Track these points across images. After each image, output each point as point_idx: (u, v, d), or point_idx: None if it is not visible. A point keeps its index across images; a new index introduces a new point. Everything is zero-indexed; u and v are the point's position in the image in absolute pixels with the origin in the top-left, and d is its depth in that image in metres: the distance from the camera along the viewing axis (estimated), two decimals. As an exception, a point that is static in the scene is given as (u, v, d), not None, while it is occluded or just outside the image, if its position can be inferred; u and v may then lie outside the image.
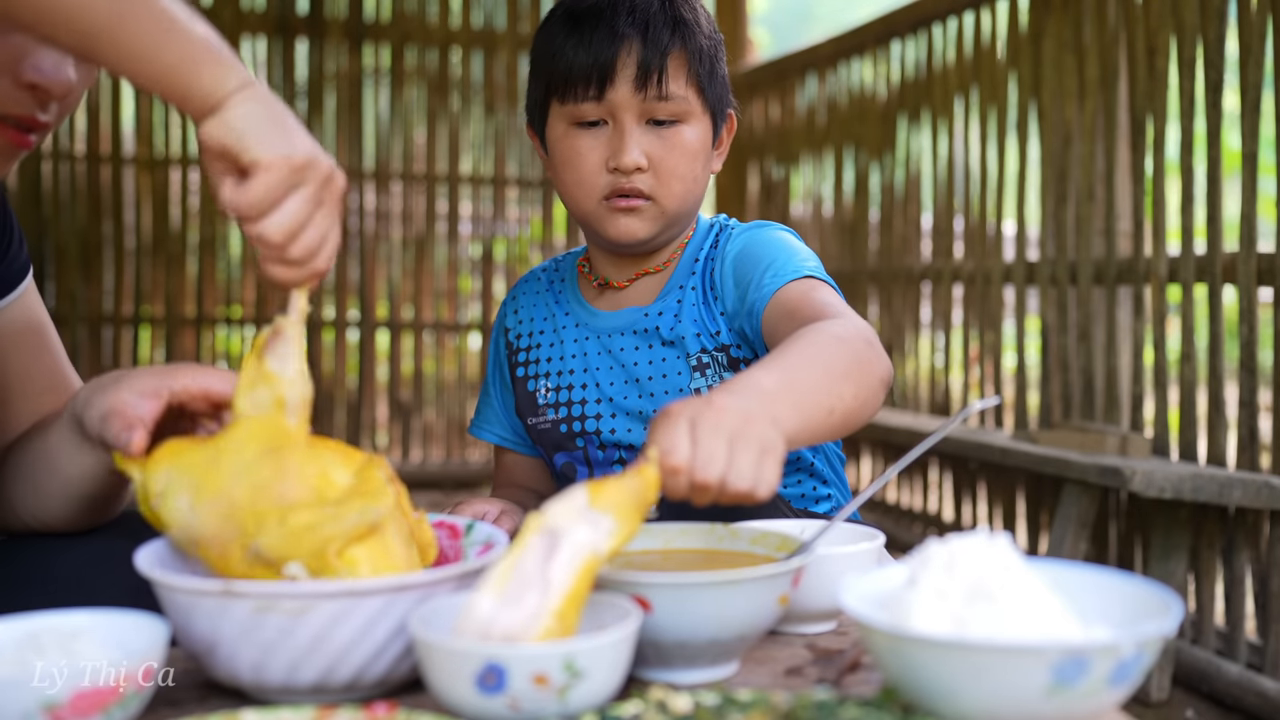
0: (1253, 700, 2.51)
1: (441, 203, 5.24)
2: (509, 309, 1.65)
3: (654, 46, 1.38)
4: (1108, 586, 0.85)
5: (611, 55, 1.38)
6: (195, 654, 0.88)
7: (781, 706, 0.79)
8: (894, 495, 4.18)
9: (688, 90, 1.41)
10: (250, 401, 0.94)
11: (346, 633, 0.85)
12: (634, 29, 1.38)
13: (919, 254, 4.12)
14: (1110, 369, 3.12)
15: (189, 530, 0.91)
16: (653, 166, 1.41)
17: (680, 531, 1.08)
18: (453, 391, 5.31)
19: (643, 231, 1.44)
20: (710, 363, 1.47)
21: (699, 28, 1.43)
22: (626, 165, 1.39)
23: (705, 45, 1.43)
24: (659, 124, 1.41)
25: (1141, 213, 3.00)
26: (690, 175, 1.44)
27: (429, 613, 0.86)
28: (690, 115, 1.42)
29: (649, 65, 1.38)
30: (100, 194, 4.91)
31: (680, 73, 1.40)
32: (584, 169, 1.42)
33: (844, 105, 4.55)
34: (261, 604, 0.83)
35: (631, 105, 1.39)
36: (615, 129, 1.41)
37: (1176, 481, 2.52)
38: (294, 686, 0.86)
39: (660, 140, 1.41)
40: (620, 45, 1.38)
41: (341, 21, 5.08)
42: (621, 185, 1.41)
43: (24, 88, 1.00)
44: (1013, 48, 3.54)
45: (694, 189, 1.45)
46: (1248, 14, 2.63)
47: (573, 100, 1.41)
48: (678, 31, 1.40)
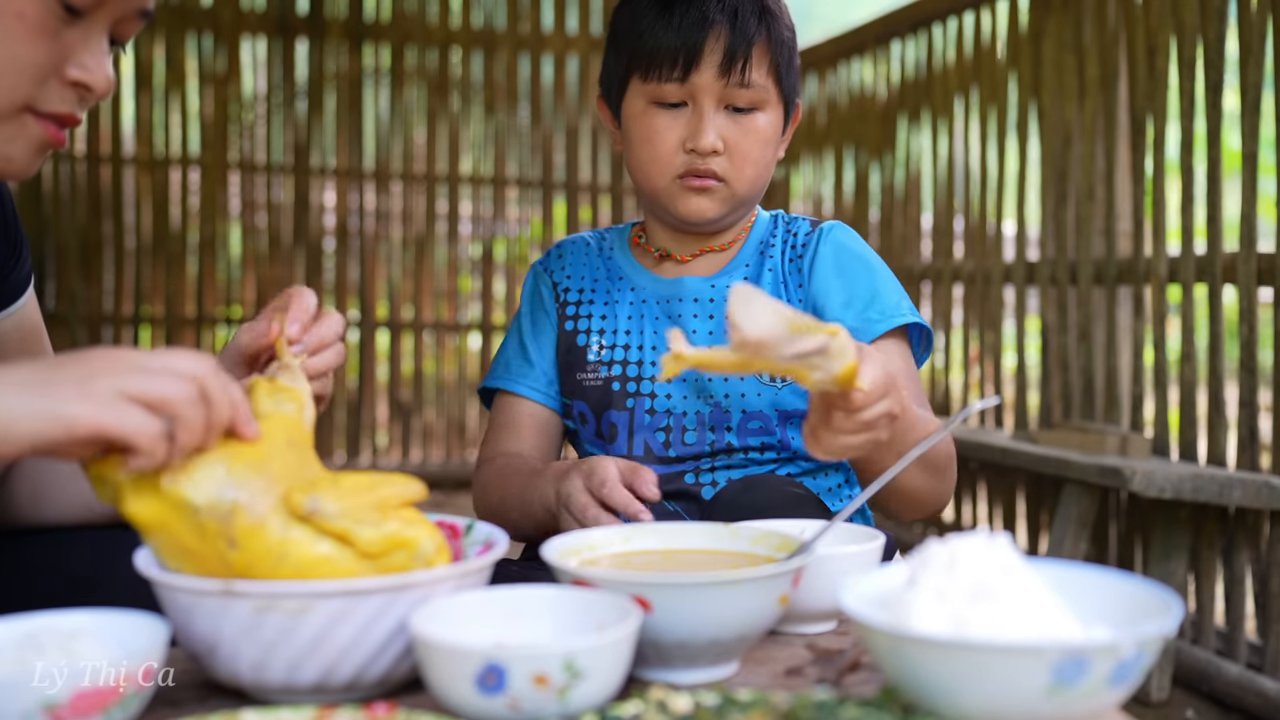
0: (1253, 700, 2.51)
1: (441, 203, 5.25)
2: (555, 264, 1.63)
3: (741, 34, 1.41)
4: (1108, 586, 0.85)
5: (700, 40, 1.41)
6: (196, 654, 0.88)
7: (781, 706, 0.79)
8: (894, 495, 4.18)
9: (768, 79, 1.44)
10: (273, 403, 0.95)
11: (347, 632, 0.85)
12: (723, 15, 1.41)
13: (919, 254, 4.12)
14: (1110, 369, 3.12)
15: (220, 500, 0.87)
16: (728, 150, 1.44)
17: (680, 531, 1.08)
18: (453, 391, 5.31)
19: (712, 211, 1.47)
20: None
21: (782, 18, 1.47)
22: (704, 148, 1.42)
23: (786, 36, 1.47)
24: (737, 110, 1.44)
25: (1141, 213, 3.00)
26: (763, 161, 1.47)
27: (430, 613, 0.86)
28: (767, 103, 1.45)
29: (735, 52, 1.41)
30: (100, 194, 4.92)
31: (763, 62, 1.43)
32: (661, 147, 1.45)
33: (844, 105, 4.55)
34: (262, 604, 0.83)
35: (713, 90, 1.43)
36: (694, 111, 1.44)
37: (1176, 481, 2.52)
38: (295, 686, 0.86)
39: (737, 125, 1.44)
40: (709, 30, 1.41)
41: (341, 21, 5.08)
42: (696, 166, 1.44)
43: (68, 85, 1.04)
44: (1013, 48, 3.54)
45: (764, 174, 1.49)
46: (1248, 14, 2.63)
47: (655, 80, 1.44)
48: (764, 21, 1.43)
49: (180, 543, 0.88)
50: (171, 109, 4.98)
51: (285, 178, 5.10)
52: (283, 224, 5.12)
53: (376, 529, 0.91)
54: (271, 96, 5.08)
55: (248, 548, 0.88)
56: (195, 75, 5.05)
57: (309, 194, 5.11)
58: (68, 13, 1.00)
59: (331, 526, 0.90)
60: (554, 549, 0.99)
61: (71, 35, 1.02)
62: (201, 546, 0.88)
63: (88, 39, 1.02)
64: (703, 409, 1.50)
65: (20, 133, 1.04)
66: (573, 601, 0.90)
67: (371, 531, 0.90)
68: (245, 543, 0.88)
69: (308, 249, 5.13)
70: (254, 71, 5.16)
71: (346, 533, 0.90)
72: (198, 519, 0.87)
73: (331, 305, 5.16)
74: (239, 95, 5.06)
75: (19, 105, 1.02)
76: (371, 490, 0.92)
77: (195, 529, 0.88)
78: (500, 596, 0.91)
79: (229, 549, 0.88)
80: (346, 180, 5.16)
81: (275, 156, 5.09)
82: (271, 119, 5.09)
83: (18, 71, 1.00)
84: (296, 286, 1.07)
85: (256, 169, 5.10)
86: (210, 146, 5.00)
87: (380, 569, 0.91)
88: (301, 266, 5.13)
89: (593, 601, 0.89)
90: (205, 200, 5.02)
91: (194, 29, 4.98)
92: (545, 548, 0.98)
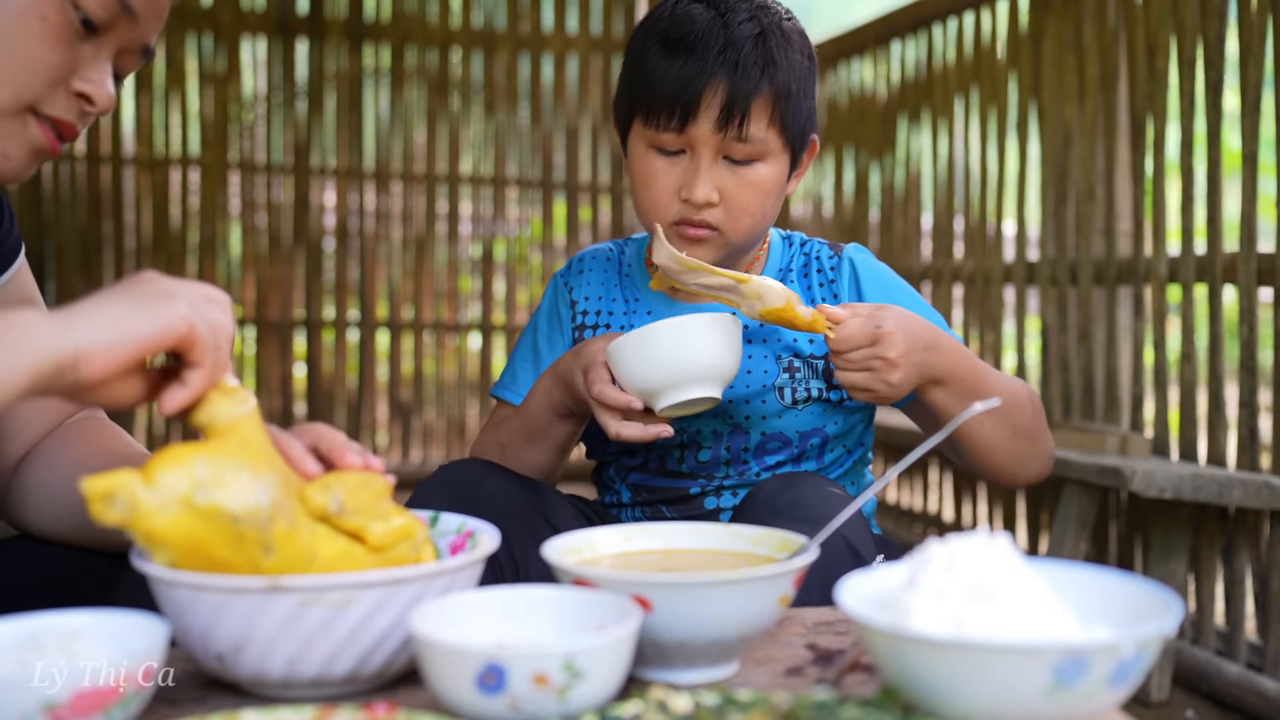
0: (1253, 700, 2.51)
1: (441, 203, 5.24)
2: (575, 279, 1.62)
3: (740, 88, 1.38)
4: (1108, 586, 0.85)
5: (697, 92, 1.38)
6: (218, 655, 0.87)
7: (781, 706, 0.79)
8: (894, 495, 4.18)
9: (768, 132, 1.41)
10: (234, 404, 0.94)
11: (383, 622, 0.86)
12: (723, 68, 1.38)
13: (919, 254, 4.12)
14: (1110, 369, 3.12)
15: (257, 507, 0.88)
16: (724, 201, 1.42)
17: (681, 531, 1.08)
18: (453, 391, 5.31)
19: (707, 258, 1.46)
20: (801, 367, 1.49)
21: (790, 67, 1.42)
22: (697, 200, 1.40)
23: (794, 86, 1.42)
24: (735, 161, 1.42)
25: (1141, 213, 3.00)
26: (760, 211, 1.45)
27: (430, 612, 0.86)
28: (768, 155, 1.43)
29: (732, 108, 1.38)
30: (100, 194, 4.91)
31: (763, 115, 1.40)
32: (657, 192, 1.44)
33: (844, 105, 4.55)
34: (307, 597, 0.84)
35: (710, 142, 1.40)
36: (692, 160, 1.42)
37: (1176, 481, 2.52)
38: (327, 679, 0.87)
39: (734, 177, 1.42)
40: (707, 82, 1.38)
41: (341, 21, 5.08)
42: (690, 216, 1.42)
43: (72, 96, 1.11)
44: (1013, 48, 3.54)
45: (762, 223, 1.47)
46: (1248, 14, 2.63)
47: (654, 127, 1.42)
48: (767, 72, 1.39)
49: (210, 555, 0.87)
50: (171, 109, 4.98)
51: (285, 178, 5.10)
52: (283, 224, 5.12)
53: (386, 523, 0.94)
54: (271, 96, 5.08)
55: (283, 552, 0.89)
56: (195, 75, 5.04)
57: (309, 194, 5.11)
58: (85, 27, 1.08)
59: (347, 524, 0.93)
60: (554, 549, 0.99)
61: (84, 50, 1.10)
62: (235, 556, 0.87)
63: (96, 57, 1.11)
64: (721, 428, 1.50)
65: (20, 132, 1.09)
66: (573, 601, 0.91)
67: (382, 526, 0.94)
68: (281, 548, 0.89)
69: (308, 249, 5.13)
70: (254, 71, 5.16)
71: (361, 529, 0.93)
72: (236, 528, 0.87)
73: (331, 305, 5.17)
74: (239, 95, 5.06)
75: (26, 103, 1.08)
76: (365, 485, 0.96)
77: (231, 539, 0.87)
78: (500, 596, 0.91)
79: (264, 556, 0.88)
80: (346, 180, 5.16)
81: (275, 156, 5.09)
82: (271, 119, 5.09)
83: (32, 70, 1.07)
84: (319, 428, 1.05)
85: (256, 169, 5.10)
86: (210, 146, 5.00)
87: (386, 561, 0.94)
88: (301, 266, 5.14)
89: (593, 601, 0.89)
90: (205, 200, 5.02)
91: (194, 29, 4.98)
92: (545, 547, 0.98)
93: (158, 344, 0.88)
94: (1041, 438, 1.48)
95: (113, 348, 0.85)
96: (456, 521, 1.05)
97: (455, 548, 1.03)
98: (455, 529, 1.05)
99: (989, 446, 1.42)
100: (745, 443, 1.50)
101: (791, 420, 1.49)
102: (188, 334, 0.89)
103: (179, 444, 0.91)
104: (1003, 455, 1.43)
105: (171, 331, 0.88)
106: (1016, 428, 1.43)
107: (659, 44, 1.42)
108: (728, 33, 1.39)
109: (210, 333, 0.91)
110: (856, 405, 1.52)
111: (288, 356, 5.15)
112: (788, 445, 1.50)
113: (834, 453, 1.53)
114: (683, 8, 1.43)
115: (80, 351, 0.84)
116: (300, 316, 5.14)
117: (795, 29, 1.46)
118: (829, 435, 1.51)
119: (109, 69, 1.12)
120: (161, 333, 0.88)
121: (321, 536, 0.92)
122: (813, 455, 1.51)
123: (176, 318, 0.88)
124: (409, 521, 0.96)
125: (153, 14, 1.13)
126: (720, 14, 1.41)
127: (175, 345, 0.89)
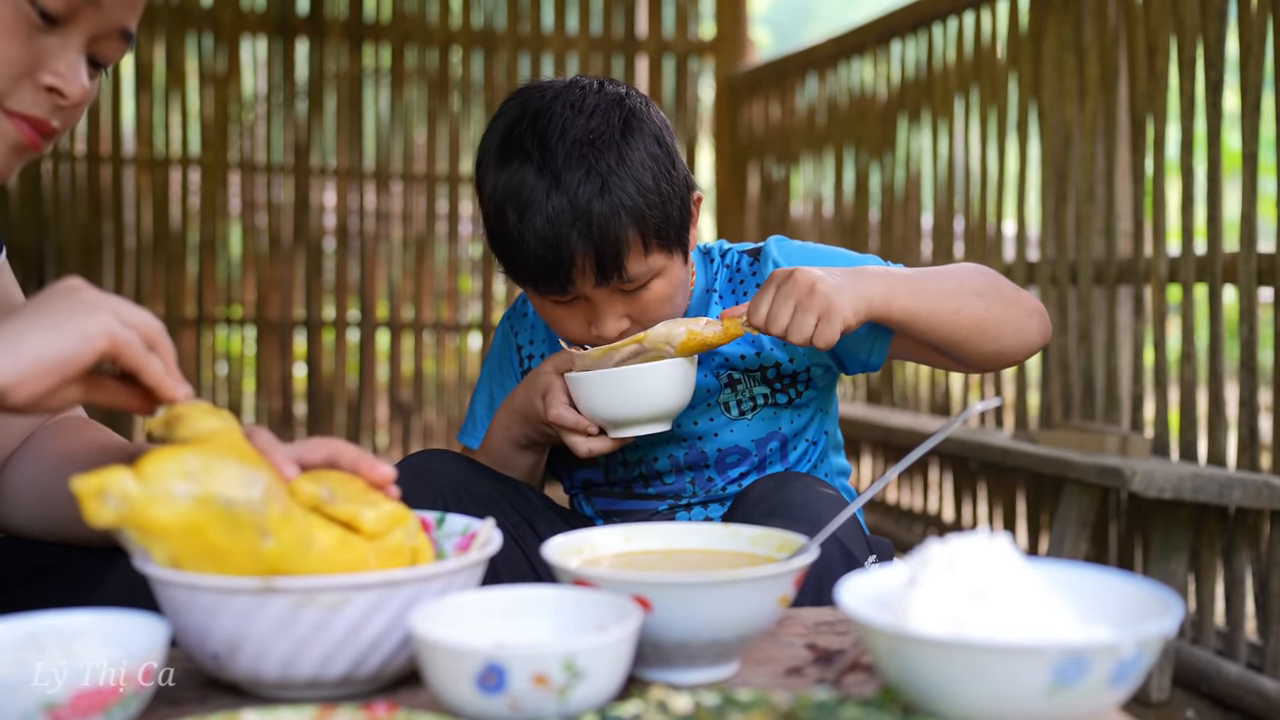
0: (1253, 700, 2.51)
1: (441, 203, 5.25)
2: (520, 323, 1.64)
3: (606, 253, 1.33)
4: (1108, 586, 0.85)
5: (568, 267, 1.34)
6: (215, 655, 0.87)
7: (781, 706, 0.79)
8: (894, 495, 4.18)
9: (648, 261, 1.37)
10: (218, 420, 0.94)
11: (380, 623, 0.86)
12: (582, 241, 1.32)
13: (919, 254, 4.12)
14: (1110, 369, 3.12)
15: (250, 493, 0.88)
16: (634, 320, 1.41)
17: (681, 531, 1.08)
18: (453, 391, 5.31)
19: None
20: (742, 378, 1.49)
21: (643, 190, 1.35)
22: (608, 335, 1.40)
23: (653, 201, 1.35)
24: (630, 291, 1.39)
25: (1141, 213, 3.00)
26: (673, 306, 1.44)
27: (430, 612, 0.86)
28: (659, 272, 1.40)
29: (605, 268, 1.35)
30: (100, 194, 4.91)
31: (637, 254, 1.36)
32: (567, 331, 1.44)
33: (844, 105, 4.55)
34: (300, 599, 0.84)
35: (598, 293, 1.38)
36: (588, 305, 1.40)
37: (1176, 481, 2.52)
38: (323, 680, 0.87)
39: (635, 302, 1.40)
40: (573, 258, 1.33)
41: (341, 21, 5.08)
42: (609, 340, 1.41)
43: (42, 91, 1.07)
44: (1013, 48, 3.54)
45: (678, 303, 1.46)
46: (1248, 14, 2.63)
47: (537, 293, 1.40)
48: (625, 220, 1.33)
49: (210, 544, 0.86)
50: (171, 109, 4.98)
51: (285, 178, 5.10)
52: (283, 224, 5.12)
53: (376, 510, 0.94)
54: (271, 96, 5.08)
55: (281, 537, 0.88)
56: (195, 75, 5.05)
57: (309, 194, 5.11)
58: (43, 19, 1.03)
59: (339, 512, 0.93)
60: (554, 549, 0.99)
61: (49, 43, 1.05)
62: (234, 543, 0.87)
63: (64, 49, 1.06)
64: (675, 451, 1.51)
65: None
66: (573, 601, 0.91)
67: (374, 512, 0.94)
68: (278, 532, 0.88)
69: (308, 249, 5.13)
70: (254, 71, 5.16)
71: (353, 516, 0.93)
72: (231, 512, 0.87)
73: (331, 305, 5.17)
74: (239, 95, 5.06)
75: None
76: (352, 478, 0.97)
77: (229, 525, 0.87)
78: (500, 596, 0.91)
79: (262, 541, 0.87)
80: (346, 180, 5.16)
81: (275, 156, 5.09)
82: (271, 119, 5.09)
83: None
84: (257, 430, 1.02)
85: (256, 169, 5.10)
86: (210, 146, 5.00)
87: (381, 548, 0.94)
88: (301, 266, 5.14)
89: (593, 601, 0.89)
90: (205, 200, 5.02)
91: (194, 29, 4.98)
92: (545, 547, 0.98)
93: (81, 362, 0.88)
94: (1019, 297, 1.42)
95: (37, 377, 0.86)
96: (462, 523, 1.05)
97: (462, 548, 1.02)
98: (461, 530, 1.04)
99: (974, 327, 1.37)
100: (704, 459, 1.52)
101: (744, 430, 1.50)
102: (110, 346, 0.89)
103: (167, 445, 0.91)
104: (994, 330, 1.38)
105: (93, 346, 0.88)
106: (986, 297, 1.38)
107: (511, 214, 1.35)
108: (570, 201, 1.32)
109: (138, 333, 0.91)
110: (808, 399, 1.52)
111: (288, 356, 5.15)
112: (746, 456, 1.51)
113: (797, 450, 1.54)
114: (514, 172, 1.35)
115: (4, 385, 0.85)
116: (300, 316, 5.14)
117: (635, 120, 1.38)
118: (786, 436, 1.52)
119: (81, 60, 1.08)
120: (83, 351, 0.88)
121: (316, 524, 0.92)
122: (775, 459, 1.52)
123: (97, 332, 0.88)
124: (399, 507, 0.97)
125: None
126: (555, 178, 1.33)
127: (102, 358, 0.90)
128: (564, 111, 1.36)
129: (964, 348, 1.39)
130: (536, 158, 1.34)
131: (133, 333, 0.91)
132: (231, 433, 0.93)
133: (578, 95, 1.38)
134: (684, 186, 1.41)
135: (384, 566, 0.93)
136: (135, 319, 0.92)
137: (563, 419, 1.38)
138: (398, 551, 0.95)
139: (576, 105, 1.37)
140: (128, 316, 0.91)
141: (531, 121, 1.36)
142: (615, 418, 1.36)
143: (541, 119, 1.36)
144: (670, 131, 1.43)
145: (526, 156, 1.35)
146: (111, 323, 0.89)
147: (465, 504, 1.38)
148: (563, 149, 1.33)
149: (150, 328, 0.93)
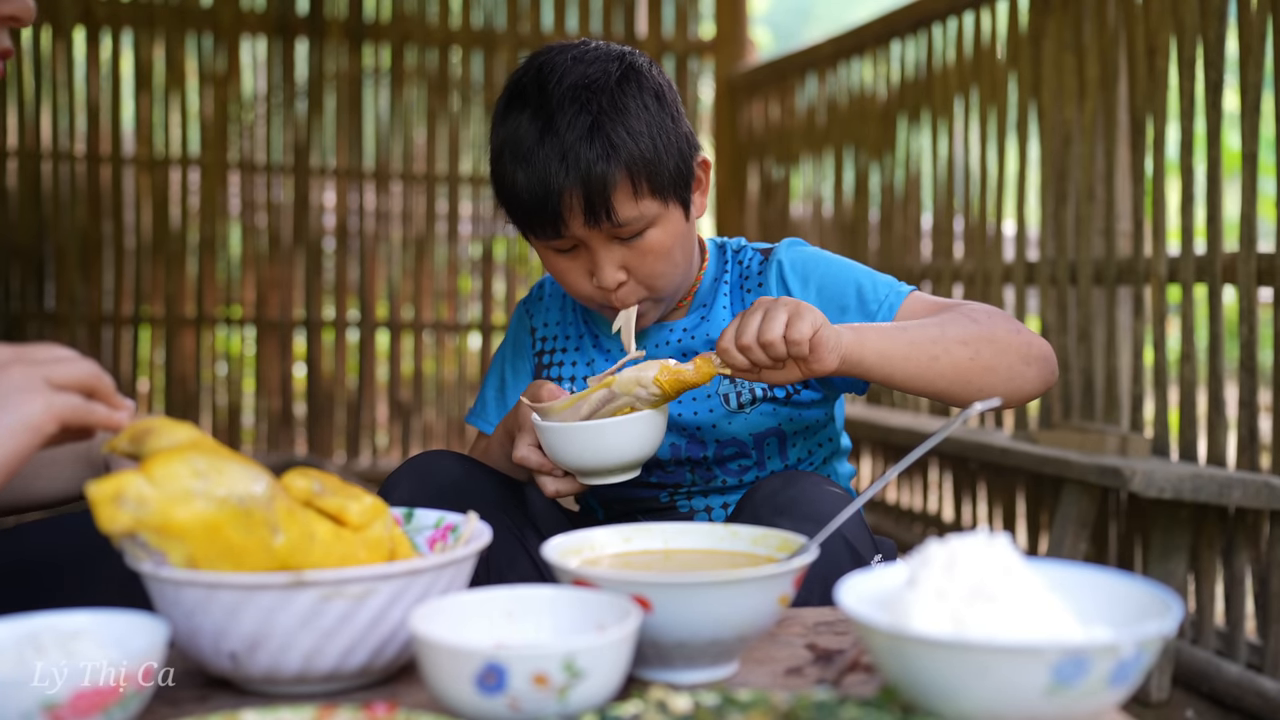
0: (1253, 700, 2.51)
1: (441, 203, 5.25)
2: (535, 307, 1.67)
3: (593, 189, 1.35)
4: (1108, 586, 0.85)
5: (556, 204, 1.37)
6: (231, 654, 0.87)
7: (781, 706, 0.79)
8: (894, 495, 4.18)
9: (640, 206, 1.39)
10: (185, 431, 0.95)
11: (399, 612, 0.88)
12: (569, 178, 1.35)
13: (919, 254, 4.12)
14: (1110, 369, 3.12)
15: (257, 490, 0.89)
16: (631, 274, 1.43)
17: (680, 531, 1.08)
18: (453, 391, 5.31)
19: (646, 321, 1.48)
20: None
21: (635, 136, 1.37)
22: (607, 285, 1.42)
23: (647, 149, 1.38)
24: (626, 238, 1.41)
25: (1141, 213, 3.00)
26: (673, 263, 1.45)
27: (430, 612, 0.86)
28: (655, 219, 1.41)
29: (593, 206, 1.36)
30: (100, 194, 4.91)
31: (627, 196, 1.38)
32: (572, 284, 1.46)
33: (844, 105, 4.55)
34: (329, 591, 0.85)
35: (592, 234, 1.40)
36: (587, 251, 1.42)
37: (1176, 481, 2.52)
38: (342, 671, 0.89)
39: (631, 251, 1.41)
40: (561, 196, 1.36)
41: (341, 21, 5.08)
42: (610, 299, 1.44)
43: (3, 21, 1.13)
44: (1013, 48, 3.54)
45: (682, 267, 1.47)
46: (1248, 14, 2.63)
47: (535, 236, 1.43)
48: (613, 159, 1.36)
49: (227, 542, 0.87)
50: (171, 109, 4.98)
51: (285, 178, 5.11)
52: (283, 224, 5.12)
53: (360, 502, 0.96)
54: (271, 96, 5.08)
55: (289, 531, 0.90)
56: (195, 75, 5.05)
57: (309, 194, 5.11)
58: None
59: (329, 505, 0.95)
60: (554, 549, 0.99)
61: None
62: (248, 540, 0.88)
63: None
64: (678, 441, 1.52)
65: None
66: (573, 601, 0.91)
67: (358, 505, 0.96)
68: (286, 527, 0.90)
69: (308, 249, 5.13)
70: (254, 71, 5.16)
71: (341, 509, 0.95)
72: (244, 509, 0.88)
73: (331, 305, 5.17)
74: (239, 95, 5.06)
75: None
76: (325, 474, 0.99)
77: (243, 521, 0.88)
78: (500, 596, 0.91)
79: (273, 537, 0.89)
80: (346, 180, 5.16)
81: (275, 156, 5.09)
82: (271, 119, 5.09)
83: None
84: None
85: (256, 169, 5.10)
86: (210, 146, 5.00)
87: (366, 539, 0.96)
88: (301, 266, 5.14)
89: (593, 601, 0.89)
90: (205, 200, 5.02)
91: (194, 29, 4.98)
92: (545, 547, 0.98)
93: (32, 452, 0.89)
94: (1016, 342, 1.37)
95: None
96: (433, 516, 1.07)
97: (434, 541, 1.05)
98: (433, 523, 1.06)
99: (954, 376, 1.34)
100: (703, 451, 1.52)
101: (742, 424, 1.50)
102: (57, 425, 0.89)
103: (162, 450, 0.92)
104: (981, 379, 1.35)
105: (42, 435, 0.89)
106: (972, 344, 1.34)
107: (508, 159, 1.40)
108: (560, 140, 1.35)
109: (74, 389, 0.91)
110: (807, 399, 1.53)
111: (288, 356, 5.15)
112: (745, 450, 1.51)
113: (796, 449, 1.54)
114: (513, 119, 1.40)
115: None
116: (300, 316, 5.14)
117: (633, 73, 1.41)
118: (785, 434, 1.52)
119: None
120: (33, 441, 0.88)
121: (312, 518, 0.94)
122: (774, 456, 1.52)
123: (41, 419, 0.88)
124: (377, 500, 0.99)
125: None
126: (548, 119, 1.37)
127: (55, 439, 0.90)
128: (565, 62, 1.41)
129: (946, 396, 1.36)
130: (534, 103, 1.39)
131: (71, 395, 0.90)
132: (205, 438, 0.94)
133: (582, 50, 1.43)
134: (684, 142, 1.44)
135: (371, 558, 0.95)
136: (67, 378, 0.91)
137: (527, 461, 1.39)
138: (379, 543, 0.97)
139: (578, 57, 1.41)
140: (60, 379, 0.90)
141: (536, 72, 1.41)
142: (582, 468, 1.36)
143: (545, 70, 1.41)
144: (674, 92, 1.46)
145: (526, 103, 1.40)
146: (52, 401, 0.89)
147: (467, 504, 1.38)
148: (559, 93, 1.38)
149: (83, 377, 0.92)
